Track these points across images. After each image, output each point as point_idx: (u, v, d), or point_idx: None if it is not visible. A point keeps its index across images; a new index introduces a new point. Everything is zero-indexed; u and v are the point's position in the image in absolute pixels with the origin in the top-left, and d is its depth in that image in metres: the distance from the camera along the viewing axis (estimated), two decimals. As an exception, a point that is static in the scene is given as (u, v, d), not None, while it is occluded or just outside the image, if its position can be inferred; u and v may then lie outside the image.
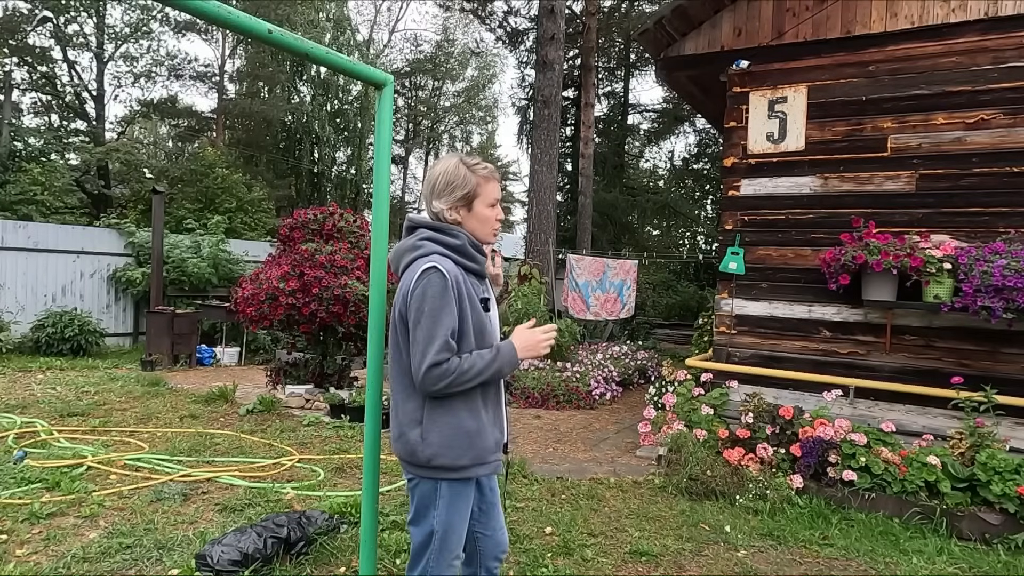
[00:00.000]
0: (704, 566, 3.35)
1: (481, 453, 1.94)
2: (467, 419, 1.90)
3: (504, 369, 1.92)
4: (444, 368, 1.80)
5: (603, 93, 22.57)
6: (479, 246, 2.02)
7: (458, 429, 1.90)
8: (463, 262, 1.96)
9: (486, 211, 2.02)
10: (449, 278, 1.85)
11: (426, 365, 1.80)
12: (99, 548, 3.19)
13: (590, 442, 5.89)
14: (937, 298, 4.24)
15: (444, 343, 1.82)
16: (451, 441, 1.90)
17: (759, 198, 5.30)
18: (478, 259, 2.01)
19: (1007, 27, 4.43)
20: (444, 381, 1.81)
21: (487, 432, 1.96)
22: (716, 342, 5.50)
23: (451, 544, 1.98)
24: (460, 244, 1.96)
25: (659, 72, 6.05)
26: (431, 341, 1.81)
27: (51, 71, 18.29)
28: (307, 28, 20.96)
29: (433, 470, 1.91)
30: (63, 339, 9.26)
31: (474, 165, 2.00)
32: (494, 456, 2.00)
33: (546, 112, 11.13)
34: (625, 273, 11.07)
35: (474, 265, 1.99)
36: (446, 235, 1.96)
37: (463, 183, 1.97)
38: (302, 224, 7.17)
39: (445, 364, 1.81)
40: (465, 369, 1.83)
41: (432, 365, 1.80)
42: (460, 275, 1.91)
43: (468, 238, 1.99)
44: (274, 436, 5.48)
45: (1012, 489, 3.76)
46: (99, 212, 14.70)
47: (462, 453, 1.90)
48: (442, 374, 1.80)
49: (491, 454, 1.98)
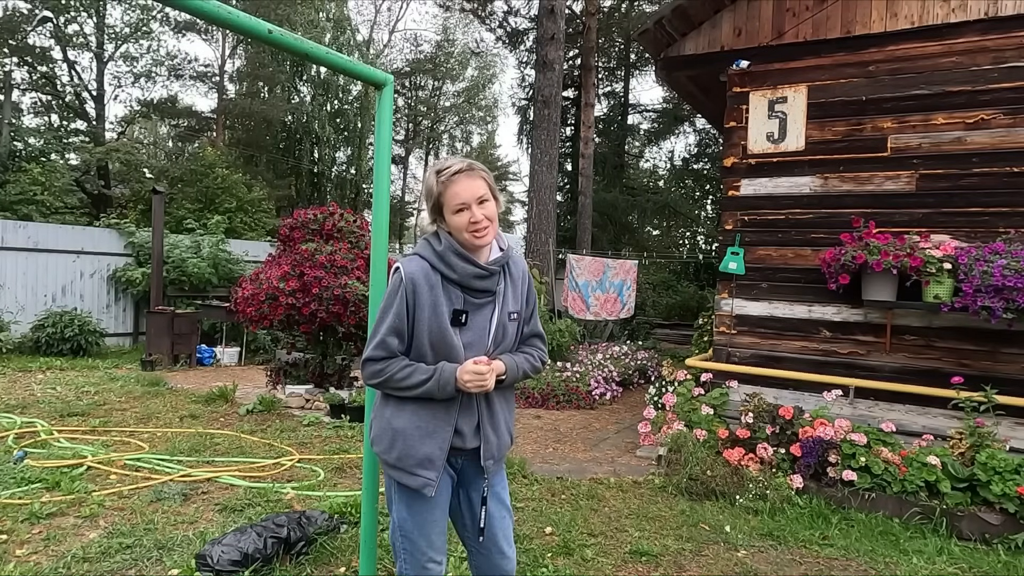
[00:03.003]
0: (704, 566, 3.35)
1: (403, 459, 1.88)
2: (395, 418, 1.92)
3: (436, 391, 1.84)
4: (376, 367, 1.86)
5: (603, 93, 22.58)
6: (464, 254, 1.90)
7: (385, 424, 1.94)
8: (441, 269, 1.90)
9: (452, 218, 1.89)
10: (406, 280, 1.85)
11: (363, 359, 1.90)
12: (99, 548, 3.19)
13: (590, 442, 5.89)
14: (937, 298, 4.24)
15: (380, 341, 1.86)
16: (381, 433, 1.94)
17: (759, 198, 5.30)
18: (457, 268, 1.89)
19: (1007, 27, 4.43)
20: (376, 379, 1.88)
21: (413, 440, 1.88)
22: (716, 342, 5.50)
23: (418, 544, 1.95)
24: (440, 250, 1.91)
25: (659, 72, 6.05)
26: (372, 336, 1.90)
27: (51, 71, 18.29)
28: (307, 28, 20.97)
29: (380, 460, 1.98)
30: (63, 339, 9.26)
31: (442, 169, 1.90)
32: (420, 471, 1.88)
33: (546, 112, 11.13)
34: (625, 273, 11.07)
35: (451, 273, 1.90)
36: (432, 239, 1.96)
37: (429, 192, 1.92)
38: (302, 224, 7.17)
39: (379, 363, 1.86)
40: (395, 375, 1.85)
41: (366, 359, 1.89)
42: (433, 280, 1.87)
43: (450, 244, 1.91)
44: (274, 436, 5.48)
45: (1012, 489, 3.75)
46: (99, 212, 14.70)
47: (387, 449, 1.92)
48: (374, 372, 1.87)
49: (417, 466, 1.88)
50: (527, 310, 2.09)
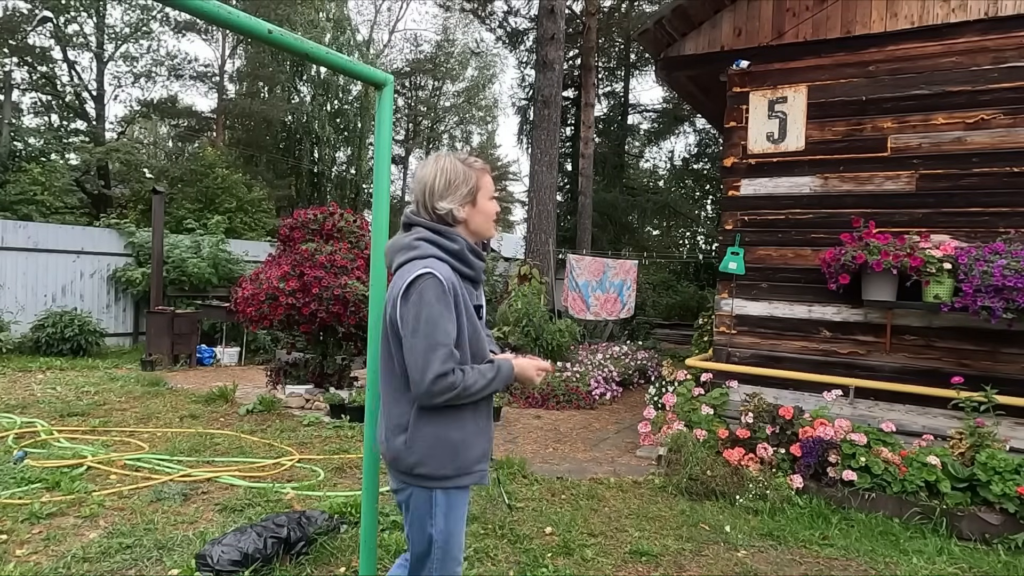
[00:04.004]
0: (704, 566, 3.35)
1: (465, 463, 1.90)
2: (452, 430, 1.87)
3: (499, 387, 1.92)
4: (451, 380, 1.76)
5: (603, 93, 22.58)
6: (478, 251, 1.96)
7: (442, 439, 1.86)
8: (460, 268, 1.89)
9: (488, 204, 1.99)
10: (446, 284, 1.80)
11: (432, 375, 1.74)
12: (99, 548, 3.19)
13: (590, 442, 5.89)
14: (937, 298, 4.24)
15: (448, 352, 1.77)
16: (434, 451, 1.86)
17: (759, 198, 5.30)
18: (475, 265, 1.94)
19: (1007, 27, 4.43)
20: (451, 393, 1.77)
21: (472, 443, 1.91)
22: (716, 342, 5.50)
23: (453, 551, 1.95)
24: (458, 249, 1.89)
25: (659, 72, 6.05)
26: (433, 350, 1.75)
27: (51, 71, 18.29)
28: (307, 28, 20.97)
29: (417, 478, 1.88)
30: (63, 339, 9.26)
31: (468, 160, 1.98)
32: (479, 467, 1.95)
33: (546, 112, 11.13)
34: (625, 273, 11.07)
35: (470, 272, 1.93)
36: (444, 238, 1.90)
37: (465, 179, 1.93)
38: (302, 224, 7.17)
39: (451, 377, 1.76)
40: (469, 385, 1.80)
41: (438, 376, 1.74)
42: (456, 281, 1.85)
43: (467, 243, 1.92)
44: (274, 436, 5.48)
45: (1012, 489, 3.75)
46: (99, 212, 14.68)
47: (445, 463, 1.87)
48: (449, 386, 1.76)
49: (476, 464, 1.94)
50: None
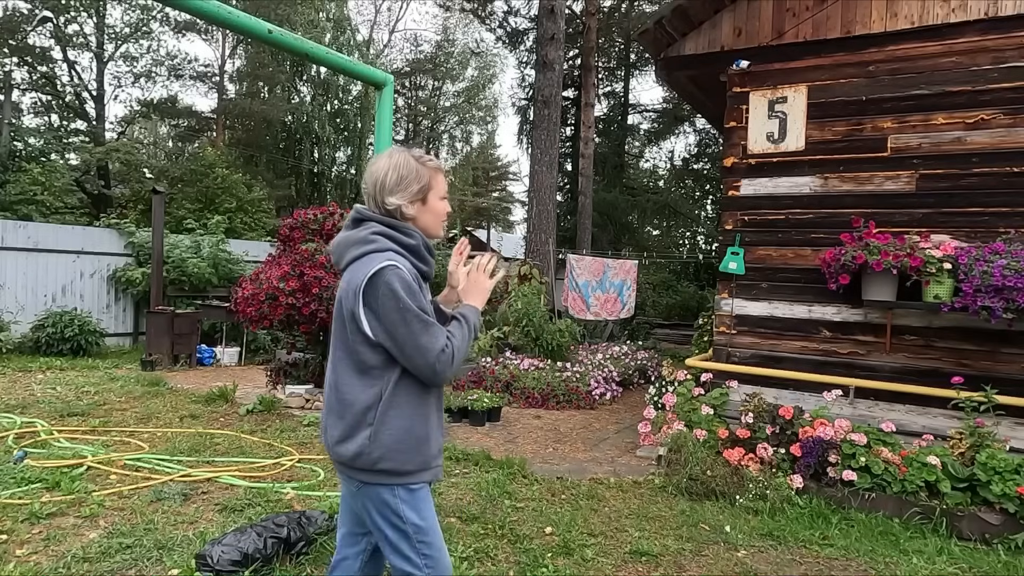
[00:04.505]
0: (704, 566, 3.35)
1: (427, 458, 1.89)
2: (418, 424, 1.86)
3: (477, 325, 1.96)
4: (448, 352, 1.80)
5: (603, 93, 22.59)
6: (431, 248, 1.97)
7: (410, 433, 1.85)
8: (416, 264, 1.89)
9: (439, 204, 1.97)
10: (409, 275, 1.81)
11: (435, 354, 1.77)
12: (99, 548, 3.19)
13: (590, 442, 5.89)
14: (937, 298, 4.24)
15: (437, 328, 1.80)
16: (401, 445, 1.84)
17: (759, 198, 5.30)
18: (429, 261, 1.95)
19: (1007, 27, 4.43)
20: (453, 364, 1.81)
21: (433, 436, 1.92)
22: (716, 342, 5.50)
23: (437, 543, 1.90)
24: (415, 244, 1.90)
25: (659, 72, 6.05)
26: (427, 330, 1.78)
27: (51, 71, 18.31)
28: (307, 28, 20.96)
29: (378, 474, 1.84)
30: (63, 339, 9.26)
31: (422, 158, 1.95)
32: (436, 462, 1.95)
33: (546, 112, 11.13)
34: (625, 273, 11.08)
35: (425, 268, 1.93)
36: (401, 233, 1.89)
37: (417, 176, 1.90)
38: (302, 224, 7.17)
39: (447, 348, 1.80)
40: (458, 346, 1.83)
41: (440, 351, 1.78)
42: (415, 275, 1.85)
43: (423, 239, 1.93)
44: (274, 436, 5.48)
45: (1012, 489, 3.75)
46: (99, 212, 14.70)
47: (411, 457, 1.85)
48: (448, 358, 1.79)
49: (435, 459, 1.94)
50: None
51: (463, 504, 4.03)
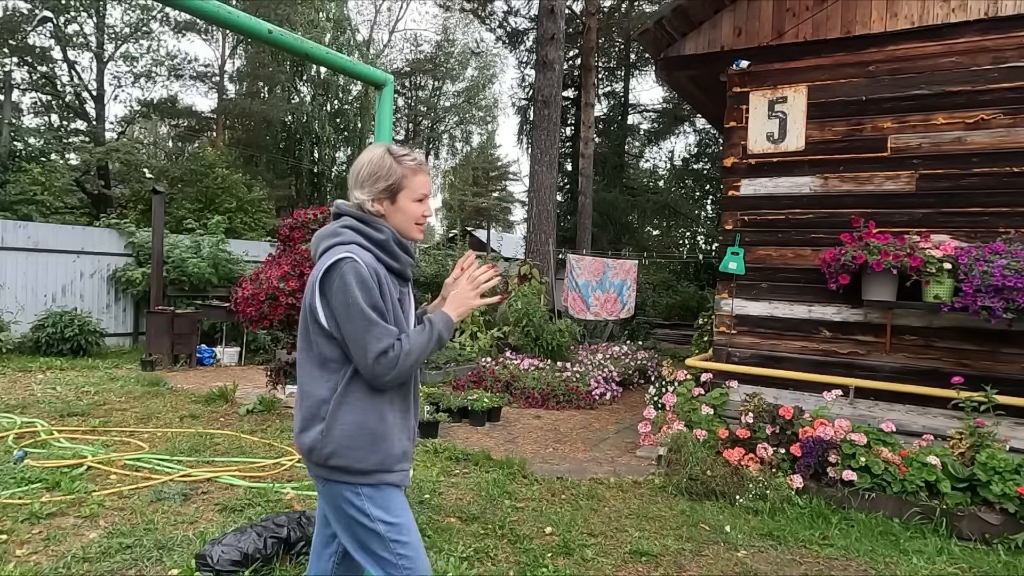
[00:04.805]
0: (704, 566, 3.35)
1: (387, 460, 1.80)
2: (372, 420, 1.78)
3: (444, 335, 1.85)
4: (391, 355, 1.72)
5: (603, 93, 22.60)
6: (406, 245, 1.89)
7: (363, 429, 1.77)
8: (384, 259, 1.83)
9: (411, 206, 1.89)
10: (367, 269, 1.74)
11: (373, 355, 1.70)
12: (99, 548, 3.19)
13: (590, 442, 5.89)
14: (937, 298, 4.24)
15: (383, 329, 1.73)
16: (353, 441, 1.76)
17: (759, 198, 5.30)
18: (401, 259, 1.87)
19: (1007, 27, 4.43)
20: (394, 369, 1.72)
21: (394, 437, 1.82)
22: (716, 342, 5.50)
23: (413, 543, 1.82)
24: (384, 239, 1.83)
25: (659, 72, 6.05)
26: (369, 329, 1.71)
27: (51, 71, 18.31)
28: (307, 28, 20.97)
29: (333, 471, 1.78)
30: (63, 339, 9.25)
31: (401, 156, 1.88)
32: (400, 466, 1.84)
33: (546, 112, 11.14)
34: (625, 273, 11.08)
35: (396, 264, 1.86)
36: (370, 227, 1.84)
37: (387, 174, 1.85)
38: (302, 224, 7.17)
39: (391, 351, 1.72)
40: (408, 350, 1.74)
41: (380, 353, 1.71)
42: (381, 271, 1.79)
43: (393, 234, 1.86)
44: (274, 436, 5.48)
45: (1012, 489, 3.76)
46: (99, 212, 14.69)
47: (365, 455, 1.77)
48: (390, 362, 1.71)
49: (398, 463, 1.83)
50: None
51: (463, 504, 4.03)
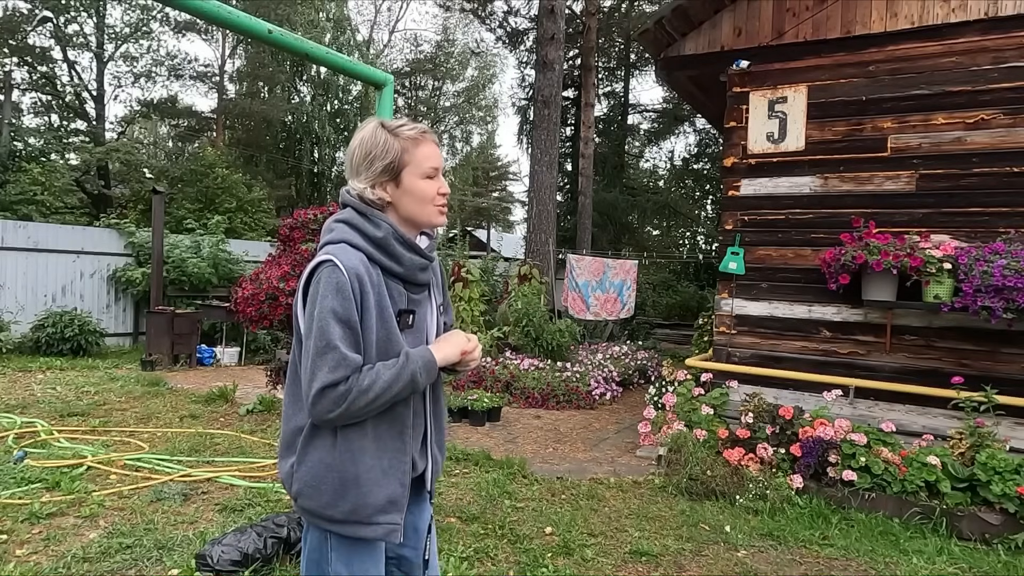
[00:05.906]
0: (704, 566, 3.35)
1: (360, 509, 1.49)
2: (345, 462, 1.48)
3: (420, 376, 1.49)
4: (340, 390, 1.39)
5: (603, 93, 22.60)
6: (411, 242, 1.56)
7: (332, 471, 1.48)
8: (381, 260, 1.52)
9: (421, 184, 1.55)
10: (349, 276, 1.44)
11: (317, 386, 1.39)
12: (99, 548, 3.19)
13: (590, 442, 5.89)
14: (937, 298, 4.24)
15: (341, 357, 1.40)
16: (319, 483, 1.48)
17: (759, 198, 5.30)
18: (404, 259, 1.54)
19: (1007, 27, 4.43)
20: (340, 407, 1.40)
21: (372, 484, 1.49)
22: (716, 342, 5.50)
23: None
24: (381, 237, 1.51)
25: (659, 72, 6.05)
26: (323, 353, 1.40)
27: (51, 71, 18.31)
28: (307, 28, 20.96)
29: (302, 512, 1.54)
30: (63, 339, 9.26)
31: (397, 127, 1.55)
32: (383, 518, 1.51)
33: (546, 112, 11.13)
34: (625, 273, 11.07)
35: (396, 267, 1.54)
36: (368, 221, 1.53)
37: (383, 151, 1.52)
38: (302, 224, 7.16)
39: (341, 385, 1.40)
40: (365, 387, 1.41)
41: (324, 387, 1.39)
42: (371, 274, 1.49)
43: (393, 230, 1.53)
44: (274, 436, 5.48)
45: (1012, 489, 3.76)
46: (99, 212, 14.69)
47: (333, 501, 1.48)
48: (337, 398, 1.39)
49: (377, 514, 1.50)
50: (445, 298, 1.76)
51: (463, 504, 4.03)
